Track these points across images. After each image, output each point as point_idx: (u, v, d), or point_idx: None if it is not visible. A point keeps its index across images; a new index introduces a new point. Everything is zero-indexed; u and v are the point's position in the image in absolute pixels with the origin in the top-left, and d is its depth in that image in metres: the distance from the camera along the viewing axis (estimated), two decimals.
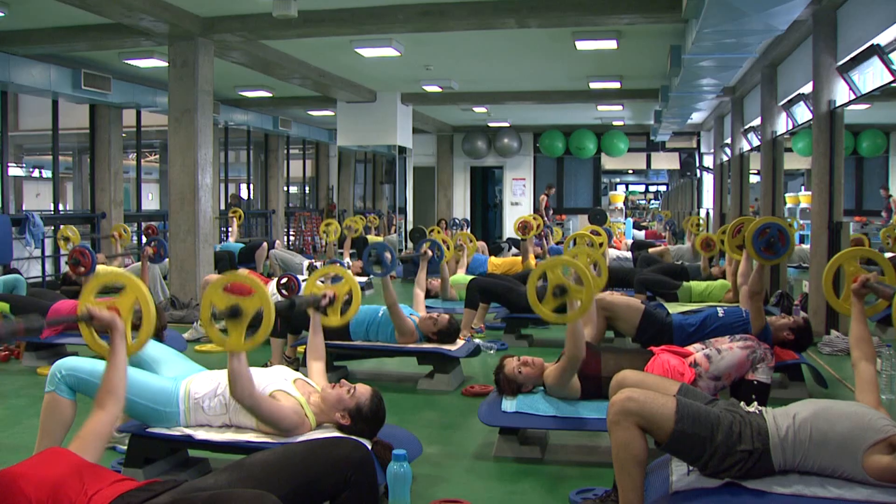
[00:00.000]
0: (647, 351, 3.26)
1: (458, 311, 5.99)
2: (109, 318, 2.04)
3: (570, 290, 2.75)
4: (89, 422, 1.93)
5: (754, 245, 3.36)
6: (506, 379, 3.15)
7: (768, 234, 3.35)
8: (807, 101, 6.54)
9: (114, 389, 1.99)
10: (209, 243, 6.78)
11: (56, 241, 7.86)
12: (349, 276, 3.21)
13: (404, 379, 4.52)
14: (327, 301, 3.08)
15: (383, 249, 4.06)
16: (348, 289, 3.19)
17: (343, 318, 3.18)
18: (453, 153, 15.51)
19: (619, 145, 14.26)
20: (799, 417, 2.03)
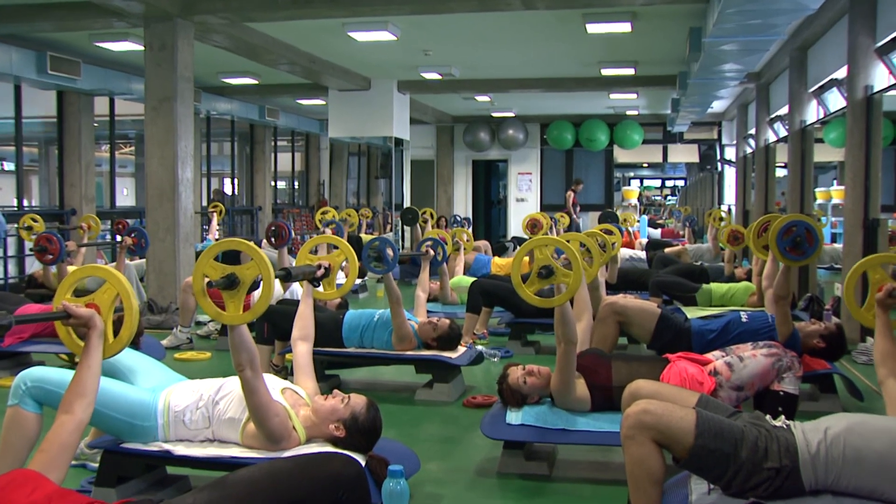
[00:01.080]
0: (662, 359, 3.25)
1: (459, 315, 5.99)
2: (88, 315, 2.01)
3: (556, 273, 2.76)
4: (54, 430, 1.88)
5: (779, 245, 3.35)
6: (510, 389, 3.14)
7: (794, 232, 3.33)
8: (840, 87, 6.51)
9: (84, 392, 1.94)
10: (190, 243, 6.78)
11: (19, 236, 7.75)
12: (345, 245, 3.20)
13: (401, 389, 4.52)
14: (322, 272, 3.06)
15: (385, 245, 4.05)
16: (344, 258, 3.18)
17: (339, 290, 3.18)
18: (454, 146, 15.51)
19: (634, 137, 14.26)
20: (831, 432, 2.01)
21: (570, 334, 2.89)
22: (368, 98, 10.59)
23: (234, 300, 2.30)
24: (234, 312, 2.30)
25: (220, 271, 2.30)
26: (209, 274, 2.32)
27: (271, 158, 13.81)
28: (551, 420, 3.03)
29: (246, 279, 2.29)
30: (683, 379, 3.04)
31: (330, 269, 3.12)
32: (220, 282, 2.28)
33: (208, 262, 2.33)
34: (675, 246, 9.21)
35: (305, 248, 3.22)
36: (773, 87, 9.66)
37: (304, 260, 3.18)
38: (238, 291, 2.29)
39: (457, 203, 15.65)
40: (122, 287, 2.10)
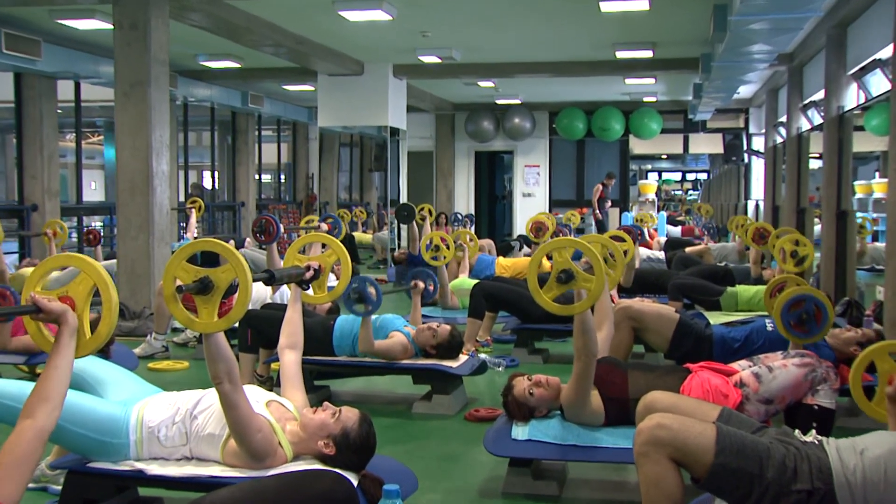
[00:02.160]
0: (682, 369, 3.26)
1: (459, 321, 5.99)
2: (60, 310, 1.95)
3: (577, 277, 2.77)
4: (10, 438, 1.76)
5: (783, 318, 3.42)
6: (515, 401, 3.15)
7: (802, 307, 3.40)
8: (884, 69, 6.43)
9: (49, 395, 1.84)
10: (165, 241, 6.78)
11: None
12: (337, 244, 3.19)
13: (397, 401, 4.52)
14: (312, 273, 3.07)
15: (365, 284, 4.05)
16: (336, 259, 3.18)
17: (330, 294, 3.18)
18: (455, 136, 15.51)
19: (651, 126, 14.25)
20: (869, 454, 1.99)
21: (591, 346, 2.89)
22: (361, 84, 10.59)
23: (208, 306, 2.28)
24: (207, 319, 2.29)
25: (193, 274, 2.28)
26: (180, 277, 2.30)
27: (255, 150, 13.81)
28: (561, 435, 3.03)
29: (221, 283, 2.27)
30: (706, 391, 3.04)
31: (320, 270, 3.11)
32: (191, 286, 2.26)
33: (180, 263, 2.31)
34: (697, 245, 9.21)
35: (294, 248, 3.22)
36: (807, 69, 9.62)
37: (293, 260, 3.18)
38: (212, 296, 2.28)
39: (458, 198, 15.65)
40: (99, 278, 2.06)
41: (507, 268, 7.78)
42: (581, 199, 15.39)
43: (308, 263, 3.08)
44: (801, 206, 9.29)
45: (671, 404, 2.69)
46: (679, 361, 3.85)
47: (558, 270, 2.78)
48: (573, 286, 2.80)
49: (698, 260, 7.73)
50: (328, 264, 3.17)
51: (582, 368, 2.94)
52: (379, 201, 16.83)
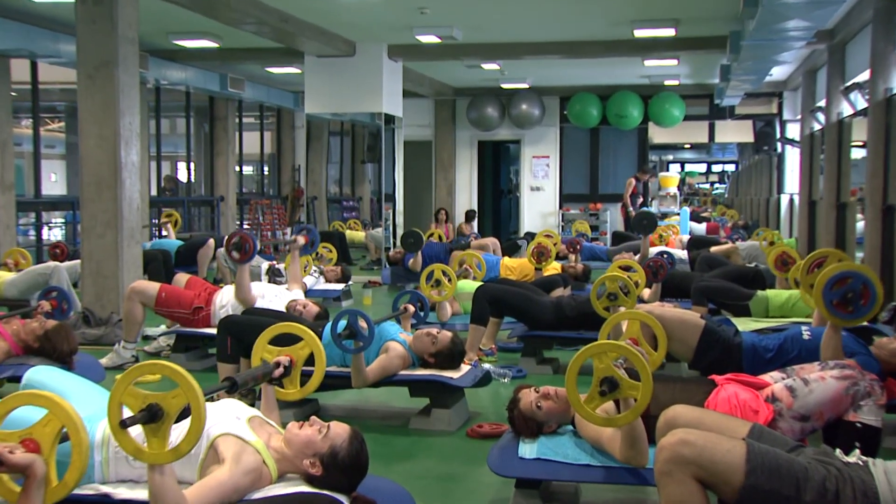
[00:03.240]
0: (707, 381, 3.26)
1: (461, 327, 5.98)
2: (27, 462, 1.98)
3: (622, 385, 2.72)
4: None
5: (825, 296, 3.39)
6: (522, 416, 3.15)
7: (848, 285, 3.36)
8: None
9: None
10: (136, 240, 6.79)
11: None
12: (310, 336, 3.18)
13: (392, 416, 4.52)
14: (281, 371, 3.07)
15: (356, 318, 4.04)
16: (309, 351, 3.18)
17: (303, 390, 3.18)
18: (456, 124, 15.52)
19: (673, 112, 14.26)
20: None
21: (641, 458, 2.84)
22: (353, 66, 10.59)
23: (157, 437, 2.27)
24: (158, 450, 2.28)
25: (141, 400, 2.28)
26: (127, 403, 2.29)
27: (235, 139, 13.82)
28: (573, 453, 3.02)
29: (170, 409, 2.27)
30: (734, 406, 3.04)
31: (292, 365, 3.12)
32: (137, 416, 2.25)
33: (126, 388, 2.29)
34: (724, 244, 9.20)
35: (263, 340, 3.21)
36: (850, 47, 9.57)
37: (262, 353, 3.18)
38: (161, 425, 2.27)
39: (459, 192, 15.66)
40: (68, 420, 2.11)
41: (513, 269, 7.77)
42: (595, 194, 15.40)
43: (277, 359, 3.09)
44: (842, 201, 9.25)
45: (696, 420, 2.68)
46: (704, 373, 3.84)
47: (599, 379, 2.74)
48: (618, 395, 2.74)
49: (725, 260, 7.73)
50: (300, 358, 3.16)
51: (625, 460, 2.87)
52: (372, 196, 16.82)
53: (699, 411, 2.82)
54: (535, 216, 15.23)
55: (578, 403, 2.77)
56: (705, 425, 2.58)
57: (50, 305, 5.22)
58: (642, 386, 2.69)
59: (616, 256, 7.57)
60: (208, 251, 8.81)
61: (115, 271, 6.59)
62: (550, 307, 5.46)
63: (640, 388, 2.70)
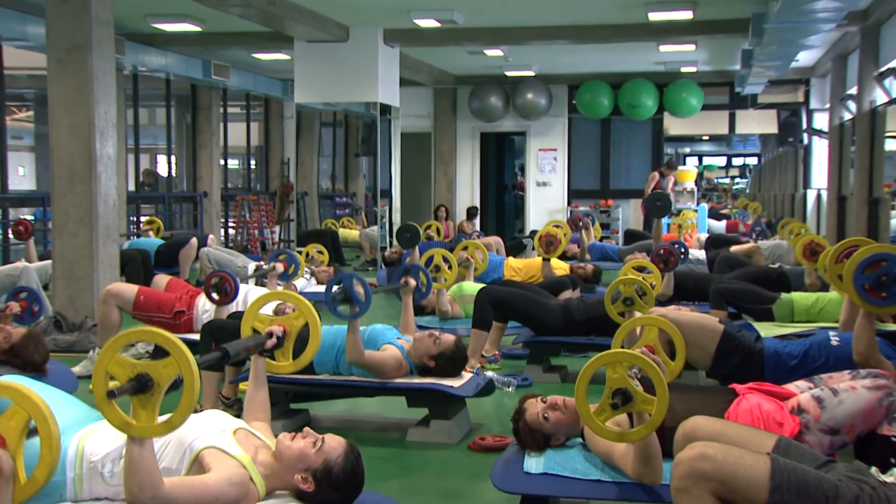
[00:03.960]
0: (727, 390, 3.25)
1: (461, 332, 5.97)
2: None
3: (635, 398, 2.71)
4: None
5: (856, 280, 3.35)
6: (528, 427, 3.15)
7: (882, 268, 3.32)
8: None
9: None
10: (112, 239, 6.79)
11: None
12: (305, 304, 3.19)
13: (388, 427, 4.53)
14: (274, 342, 3.07)
15: (352, 281, 4.04)
16: (304, 322, 3.18)
17: (297, 362, 3.18)
18: (457, 114, 15.52)
19: (690, 101, 14.27)
20: None
21: (655, 475, 2.82)
22: (346, 52, 10.59)
23: (147, 409, 2.29)
24: (146, 422, 2.30)
25: (129, 369, 2.30)
26: (114, 373, 2.31)
27: (220, 130, 13.82)
28: (583, 468, 3.02)
29: (161, 380, 2.29)
30: (756, 418, 3.03)
31: (285, 336, 3.13)
32: (126, 386, 2.28)
33: (113, 357, 2.31)
34: (745, 243, 9.19)
35: (253, 308, 3.22)
36: (885, 29, 9.52)
37: (252, 322, 3.18)
38: (151, 397, 2.29)
39: (460, 187, 15.67)
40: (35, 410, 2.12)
41: (519, 270, 7.76)
42: (605, 189, 15.40)
43: (270, 329, 3.09)
44: (875, 196, 9.23)
45: (716, 432, 2.68)
46: (723, 382, 3.83)
47: (612, 390, 2.72)
48: (631, 409, 2.73)
49: (746, 261, 7.72)
50: (295, 328, 3.16)
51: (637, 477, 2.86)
52: (367, 191, 16.84)
53: (720, 423, 2.81)
54: (542, 213, 15.23)
55: (588, 416, 2.76)
56: (726, 438, 2.58)
57: (20, 307, 5.21)
58: (658, 400, 2.68)
59: (628, 257, 7.56)
60: (191, 251, 8.80)
61: (89, 272, 6.59)
62: (558, 311, 5.46)
63: (656, 402, 2.69)
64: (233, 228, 13.81)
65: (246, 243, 13.09)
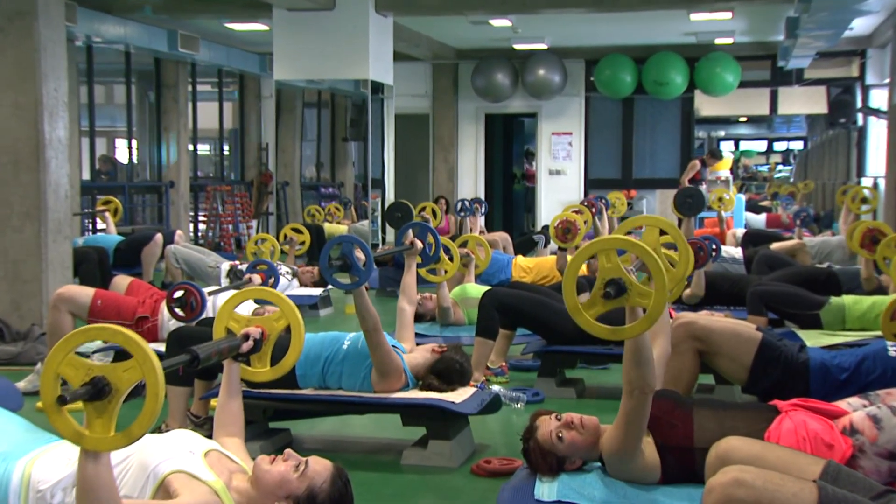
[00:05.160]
0: (767, 407, 3.26)
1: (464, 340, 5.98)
2: None
3: (630, 290, 2.77)
4: None
5: None
6: (540, 449, 3.15)
7: None
8: None
9: None
10: (64, 235, 6.79)
11: None
12: (287, 303, 3.19)
13: (381, 449, 4.54)
14: (251, 345, 3.08)
15: (352, 246, 4.04)
16: (285, 323, 3.18)
17: (276, 369, 3.18)
18: (458, 94, 15.53)
19: (726, 78, 14.26)
20: None
21: (648, 378, 2.90)
22: (332, 22, 10.59)
23: (103, 418, 2.27)
24: (101, 434, 2.28)
25: (84, 372, 2.28)
26: (67, 375, 2.29)
27: (188, 111, 13.83)
28: (602, 496, 3.03)
29: (121, 384, 2.27)
30: (802, 439, 3.03)
31: (263, 338, 3.12)
32: (80, 391, 2.26)
33: (65, 357, 2.30)
34: (788, 239, 9.19)
35: (228, 306, 3.22)
36: None
37: (227, 322, 3.17)
38: (108, 404, 2.27)
39: (462, 176, 15.67)
40: None
41: (529, 270, 7.77)
42: (628, 179, 15.40)
43: (246, 330, 3.08)
44: None
45: (754, 455, 2.68)
46: (763, 397, 3.84)
47: (604, 281, 2.76)
48: (624, 302, 2.79)
49: (790, 260, 7.73)
50: (275, 331, 3.16)
51: (633, 407, 2.93)
52: (357, 181, 16.81)
53: (758, 445, 2.82)
54: (555, 206, 15.19)
55: (576, 308, 2.82)
56: (766, 462, 2.58)
57: None
58: (655, 292, 2.73)
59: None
60: (155, 249, 8.81)
61: (37, 273, 6.60)
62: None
63: (654, 294, 2.73)
64: (203, 223, 13.83)
65: (219, 240, 13.11)
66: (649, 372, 2.90)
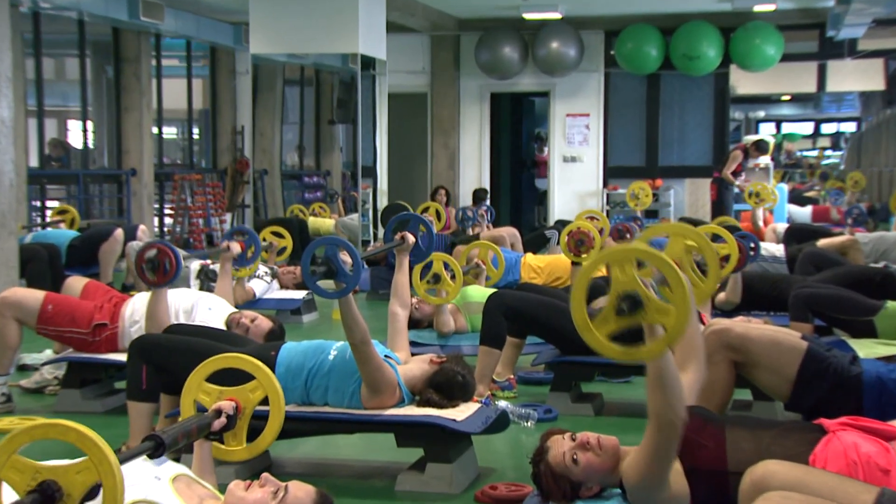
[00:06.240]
0: (812, 427, 3.26)
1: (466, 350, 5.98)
2: None
3: (646, 306, 2.74)
4: None
5: None
6: (552, 473, 3.17)
7: None
8: None
9: None
10: (9, 230, 6.82)
11: None
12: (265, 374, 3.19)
13: (372, 473, 4.55)
14: (224, 422, 3.09)
15: (337, 249, 4.04)
16: (262, 395, 3.19)
17: (252, 447, 3.20)
18: (460, 69, 15.54)
19: (766, 50, 14.26)
20: None
21: (676, 407, 2.86)
22: None
23: None
24: None
25: (30, 475, 2.26)
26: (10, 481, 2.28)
27: (152, 88, 13.81)
28: None
29: (73, 489, 2.25)
30: (852, 463, 3.03)
31: (238, 413, 3.12)
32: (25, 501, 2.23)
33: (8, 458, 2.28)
34: (837, 235, 9.19)
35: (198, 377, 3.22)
36: None
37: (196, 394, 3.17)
38: None
39: (464, 164, 15.67)
40: None
41: (540, 270, 7.79)
42: (653, 166, 15.37)
43: (218, 405, 3.09)
44: None
45: (795, 480, 2.69)
46: (807, 415, 3.84)
47: (618, 295, 2.75)
48: (640, 319, 2.76)
49: (840, 258, 7.72)
50: (250, 403, 3.16)
51: (659, 441, 2.92)
52: (344, 169, 16.81)
53: (800, 469, 2.83)
54: (570, 198, 15.23)
55: (586, 326, 2.79)
56: (810, 488, 2.59)
57: None
58: (676, 308, 2.70)
59: None
60: (114, 246, 8.80)
61: None
62: None
63: (674, 311, 2.70)
64: (170, 217, 13.81)
65: (188, 236, 13.10)
66: (677, 400, 2.87)
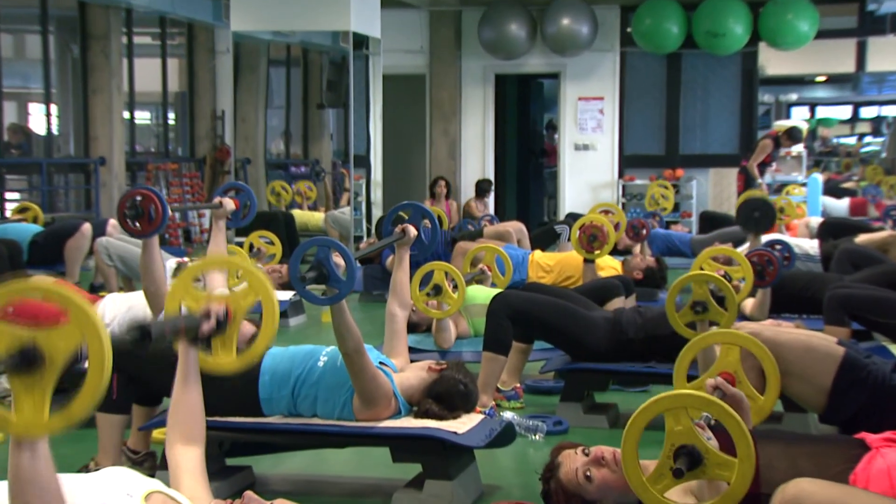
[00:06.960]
0: (852, 441, 3.27)
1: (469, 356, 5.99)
2: None
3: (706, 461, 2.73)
4: None
5: None
6: (563, 490, 3.19)
7: None
8: None
9: None
10: None
11: None
12: (256, 274, 3.20)
13: (365, 491, 4.57)
14: (213, 325, 3.07)
15: (328, 251, 4.04)
16: (254, 298, 3.19)
17: (243, 356, 3.18)
18: (462, 49, 15.55)
19: (799, 26, 14.26)
20: None
21: None
22: None
23: (34, 395, 2.26)
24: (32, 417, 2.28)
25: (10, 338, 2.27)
26: None
27: (123, 69, 13.82)
28: None
29: (56, 353, 2.26)
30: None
31: (228, 318, 3.11)
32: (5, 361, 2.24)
33: None
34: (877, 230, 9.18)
35: (186, 278, 3.23)
36: None
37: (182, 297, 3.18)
38: (41, 379, 2.26)
39: (466, 153, 15.69)
40: None
41: (549, 268, 7.80)
42: (674, 155, 15.39)
43: (208, 308, 3.08)
44: None
45: (832, 502, 2.69)
46: (844, 429, 3.86)
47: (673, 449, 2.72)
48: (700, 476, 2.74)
49: (880, 256, 7.72)
50: (241, 308, 3.16)
51: None
52: (335, 158, 16.83)
53: (837, 489, 2.82)
54: (582, 189, 15.25)
55: (641, 484, 2.76)
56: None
57: None
58: (739, 463, 2.68)
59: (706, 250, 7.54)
60: (81, 242, 8.80)
61: None
62: (605, 326, 5.46)
63: (737, 466, 2.68)
64: None
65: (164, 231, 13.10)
66: None
